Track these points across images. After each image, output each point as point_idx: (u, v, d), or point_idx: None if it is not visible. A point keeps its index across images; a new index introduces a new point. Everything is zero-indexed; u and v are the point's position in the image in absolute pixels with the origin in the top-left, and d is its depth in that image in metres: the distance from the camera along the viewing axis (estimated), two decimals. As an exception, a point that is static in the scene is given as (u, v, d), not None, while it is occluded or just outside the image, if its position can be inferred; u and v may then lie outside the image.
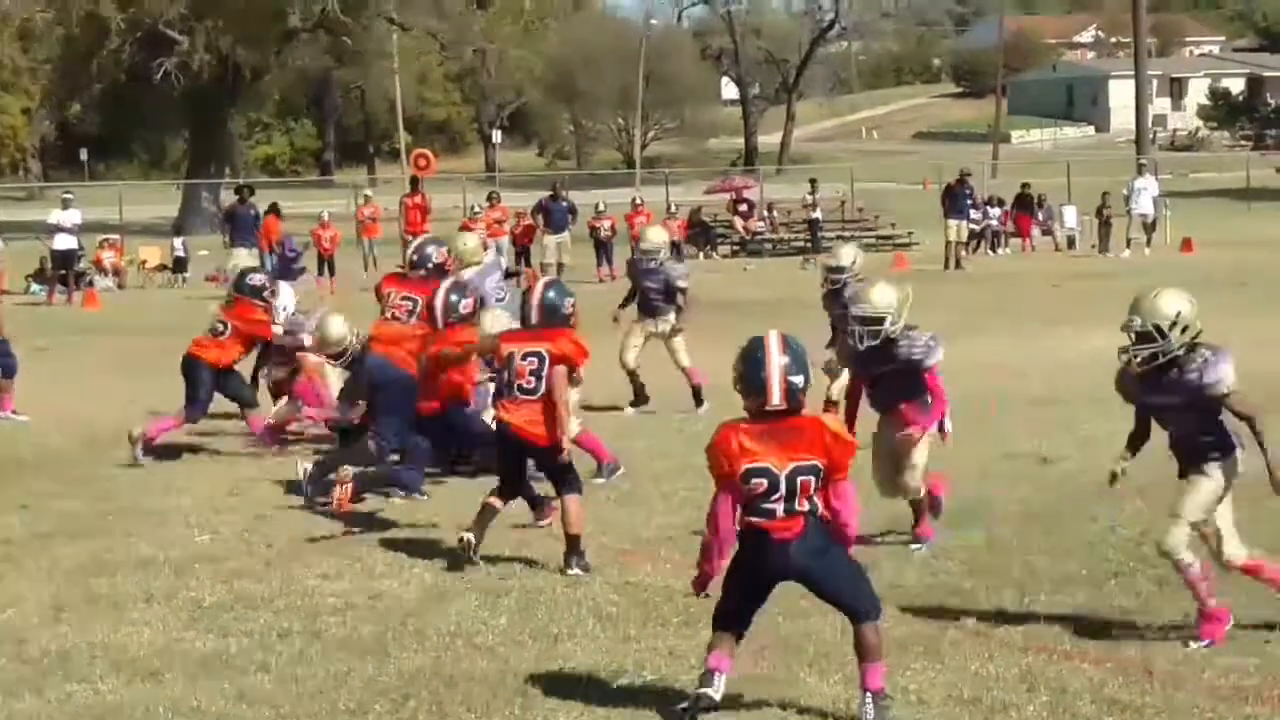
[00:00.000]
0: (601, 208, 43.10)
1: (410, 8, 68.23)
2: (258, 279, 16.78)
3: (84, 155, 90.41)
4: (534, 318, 11.10)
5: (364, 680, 8.53)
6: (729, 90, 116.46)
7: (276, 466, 14.33)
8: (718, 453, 7.72)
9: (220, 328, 16.02)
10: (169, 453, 15.54)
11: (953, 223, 41.82)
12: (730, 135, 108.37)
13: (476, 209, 42.58)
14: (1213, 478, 8.92)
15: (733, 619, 7.85)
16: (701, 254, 47.85)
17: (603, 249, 41.97)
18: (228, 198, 62.41)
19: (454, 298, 12.83)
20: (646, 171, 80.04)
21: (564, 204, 41.53)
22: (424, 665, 8.76)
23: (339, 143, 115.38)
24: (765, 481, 7.63)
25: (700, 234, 50.29)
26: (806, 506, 7.67)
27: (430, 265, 14.69)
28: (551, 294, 11.20)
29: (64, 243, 37.38)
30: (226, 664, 8.83)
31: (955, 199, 42.16)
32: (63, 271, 37.80)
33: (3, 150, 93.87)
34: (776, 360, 7.66)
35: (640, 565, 10.83)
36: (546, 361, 10.91)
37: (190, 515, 12.74)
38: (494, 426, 11.41)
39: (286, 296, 21.22)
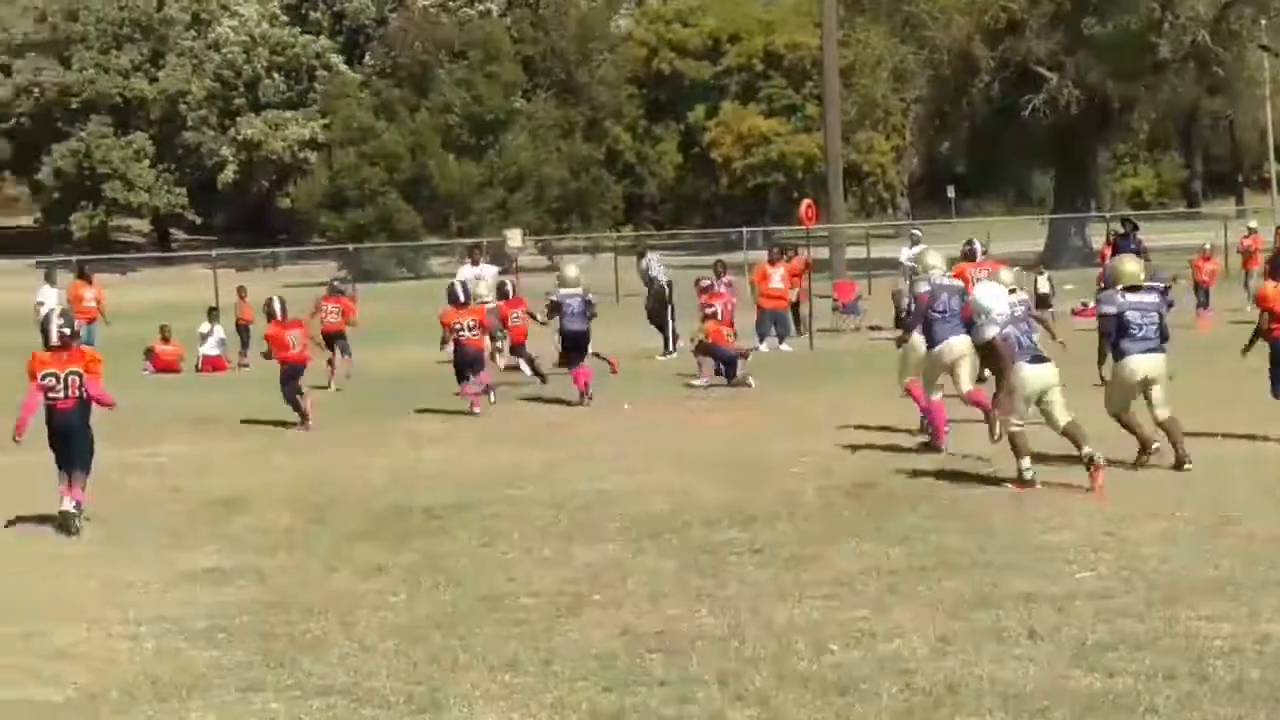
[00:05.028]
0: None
1: (1283, 33, 66.38)
2: None
3: (950, 192, 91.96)
4: None
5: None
6: None
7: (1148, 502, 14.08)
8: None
9: None
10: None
11: None
12: None
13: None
14: None
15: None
16: None
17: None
18: (1093, 232, 62.50)
19: None
20: None
21: None
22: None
23: (1206, 173, 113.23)
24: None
25: None
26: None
27: None
28: None
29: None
30: (1113, 704, 8.74)
31: None
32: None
33: (871, 189, 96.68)
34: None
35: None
36: None
37: (1069, 551, 12.71)
38: None
39: None
